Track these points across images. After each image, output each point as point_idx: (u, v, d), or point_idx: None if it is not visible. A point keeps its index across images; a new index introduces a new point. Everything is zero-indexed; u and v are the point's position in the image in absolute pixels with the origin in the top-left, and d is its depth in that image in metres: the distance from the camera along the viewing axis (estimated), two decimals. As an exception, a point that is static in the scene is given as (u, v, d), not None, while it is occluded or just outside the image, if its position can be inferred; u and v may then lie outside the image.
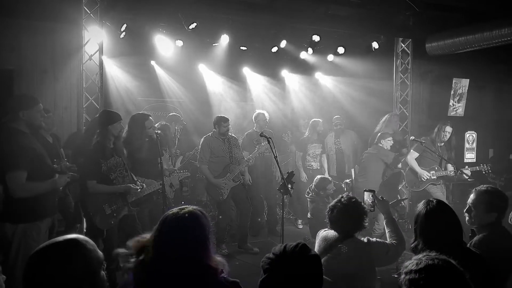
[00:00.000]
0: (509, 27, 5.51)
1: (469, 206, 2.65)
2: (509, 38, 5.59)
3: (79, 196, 4.05)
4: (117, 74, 6.60)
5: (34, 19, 5.23)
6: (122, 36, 5.60)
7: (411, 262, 1.56)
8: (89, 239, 1.46)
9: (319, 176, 5.12)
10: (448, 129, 5.50)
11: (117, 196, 3.77)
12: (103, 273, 1.46)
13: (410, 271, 1.51)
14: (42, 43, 5.38)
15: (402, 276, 1.56)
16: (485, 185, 2.68)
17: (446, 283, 1.48)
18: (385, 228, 2.90)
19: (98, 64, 5.15)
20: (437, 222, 2.25)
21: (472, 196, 2.65)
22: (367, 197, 2.97)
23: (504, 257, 2.39)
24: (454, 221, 2.28)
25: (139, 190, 3.87)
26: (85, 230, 4.12)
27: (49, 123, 4.33)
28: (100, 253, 1.47)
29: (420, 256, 1.57)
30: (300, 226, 6.46)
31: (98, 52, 5.14)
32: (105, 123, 3.75)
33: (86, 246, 1.42)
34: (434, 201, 2.35)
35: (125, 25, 5.51)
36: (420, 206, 2.36)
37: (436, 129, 5.60)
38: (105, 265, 1.49)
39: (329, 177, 5.09)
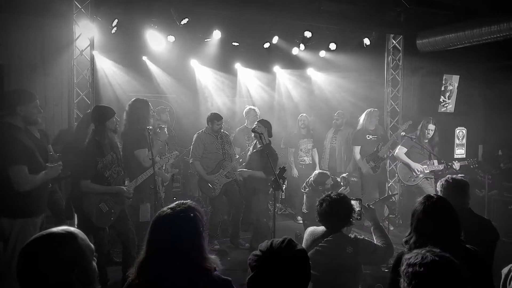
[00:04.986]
0: (497, 24, 5.56)
1: None
2: (498, 35, 5.64)
3: (71, 193, 4.04)
4: (108, 69, 6.56)
5: (24, 13, 5.16)
6: (113, 31, 5.55)
7: (415, 255, 1.59)
8: (80, 231, 1.49)
9: (317, 171, 5.13)
10: (431, 126, 5.54)
11: (111, 193, 3.76)
12: (94, 264, 1.50)
13: (415, 264, 1.55)
14: (32, 38, 5.31)
15: (404, 267, 1.59)
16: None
17: (449, 281, 1.53)
18: (373, 234, 2.94)
19: (89, 59, 5.11)
20: (434, 217, 2.25)
21: None
22: (354, 205, 3.00)
23: None
24: (452, 218, 2.28)
25: (131, 191, 3.88)
26: (76, 227, 4.11)
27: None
28: (92, 244, 1.50)
29: (423, 251, 1.60)
30: (301, 221, 6.51)
31: (89, 47, 5.09)
32: (102, 119, 3.73)
33: (79, 236, 1.46)
34: (435, 197, 2.35)
35: (116, 20, 5.46)
36: (420, 200, 2.36)
37: (419, 126, 5.66)
38: (96, 259, 1.52)
39: (328, 172, 5.11)
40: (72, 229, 1.48)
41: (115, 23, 5.47)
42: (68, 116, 5.23)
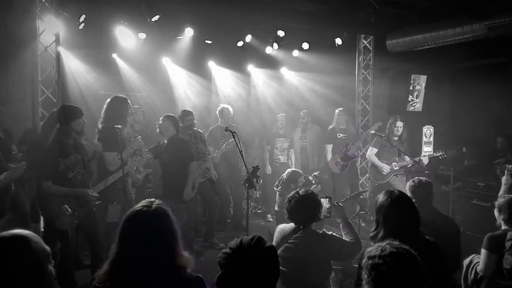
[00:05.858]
0: (461, 26, 5.78)
1: None
2: (462, 37, 5.87)
3: (36, 195, 3.89)
4: (76, 66, 6.34)
5: (-16, 7, 4.92)
6: (81, 27, 5.38)
7: (375, 248, 1.62)
8: (35, 234, 1.43)
9: (290, 169, 5.16)
10: (399, 123, 5.66)
11: (75, 195, 3.64)
12: (50, 267, 1.45)
13: (374, 256, 1.58)
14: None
15: (365, 260, 1.62)
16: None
17: (406, 272, 1.56)
18: (342, 230, 3.01)
19: (54, 56, 4.94)
20: (400, 212, 2.34)
21: None
22: (323, 203, 3.04)
23: None
24: (414, 211, 2.40)
25: (95, 195, 3.76)
26: (42, 230, 3.97)
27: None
28: (47, 247, 1.44)
29: (384, 243, 1.63)
30: (271, 220, 6.50)
31: (54, 43, 4.93)
32: (67, 119, 3.60)
33: (32, 239, 1.41)
34: (396, 191, 2.45)
35: (84, 16, 5.29)
36: (383, 196, 2.44)
37: (388, 124, 5.78)
38: (53, 261, 1.46)
39: (300, 170, 5.15)
40: (25, 232, 1.42)
41: (82, 18, 5.30)
42: (32, 114, 5.03)
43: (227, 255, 1.60)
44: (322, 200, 3.03)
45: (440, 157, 5.69)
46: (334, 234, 2.89)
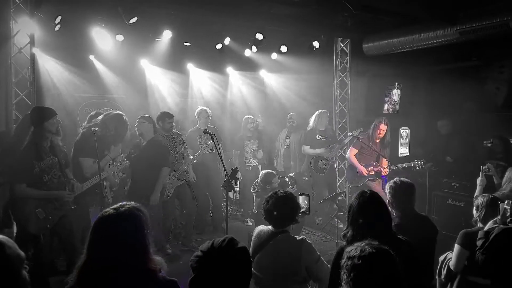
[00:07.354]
0: (434, 30, 5.96)
1: None
2: (435, 41, 6.05)
3: (10, 199, 3.80)
4: (52, 68, 6.24)
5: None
6: (57, 28, 5.29)
7: (355, 248, 1.67)
8: (9, 238, 1.41)
9: (264, 171, 5.20)
10: (383, 126, 5.61)
11: (50, 198, 3.57)
12: (25, 273, 1.43)
13: (354, 257, 1.63)
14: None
15: (344, 260, 1.66)
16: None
17: (384, 273, 1.62)
18: None
19: (29, 58, 4.83)
20: (368, 211, 2.39)
21: None
22: (302, 201, 3.04)
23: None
24: (384, 210, 2.46)
25: (72, 195, 3.72)
26: (15, 235, 3.87)
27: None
28: (21, 252, 1.42)
29: (363, 244, 1.68)
30: (250, 224, 6.50)
31: (29, 44, 4.82)
32: (40, 120, 3.54)
33: (6, 244, 1.39)
34: (368, 191, 2.49)
35: (60, 17, 5.21)
36: (354, 196, 2.50)
37: (372, 126, 5.76)
38: (28, 266, 1.44)
39: (274, 171, 5.18)
40: None
41: (58, 20, 5.21)
42: (6, 117, 4.90)
43: (198, 258, 1.60)
44: (301, 197, 3.01)
45: (418, 167, 5.60)
46: (313, 246, 2.78)
